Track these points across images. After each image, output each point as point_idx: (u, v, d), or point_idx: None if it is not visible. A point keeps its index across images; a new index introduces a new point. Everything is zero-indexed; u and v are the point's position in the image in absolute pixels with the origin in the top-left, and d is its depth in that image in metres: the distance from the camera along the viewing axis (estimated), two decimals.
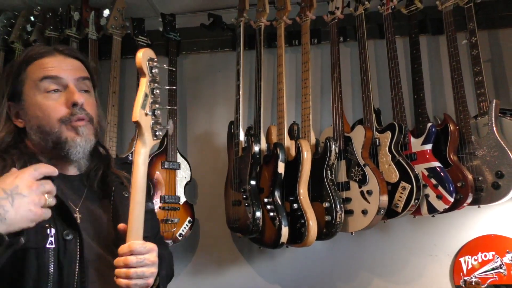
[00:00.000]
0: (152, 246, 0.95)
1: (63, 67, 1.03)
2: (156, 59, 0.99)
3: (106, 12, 2.34)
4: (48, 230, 0.93)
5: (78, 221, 1.00)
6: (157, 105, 0.98)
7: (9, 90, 1.00)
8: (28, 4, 2.43)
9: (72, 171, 1.10)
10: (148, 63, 0.97)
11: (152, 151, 2.16)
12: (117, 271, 0.91)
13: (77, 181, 1.09)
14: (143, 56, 0.95)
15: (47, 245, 0.91)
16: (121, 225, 0.97)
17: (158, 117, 0.98)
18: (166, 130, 1.00)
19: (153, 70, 0.97)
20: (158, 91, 0.99)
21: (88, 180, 1.10)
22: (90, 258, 0.98)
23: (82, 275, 0.95)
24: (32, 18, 2.40)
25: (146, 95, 0.95)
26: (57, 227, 0.94)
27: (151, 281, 0.94)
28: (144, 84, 0.96)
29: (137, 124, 0.94)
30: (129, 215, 0.93)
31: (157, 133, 0.98)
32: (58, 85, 1.01)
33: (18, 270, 0.89)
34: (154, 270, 0.94)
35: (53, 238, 0.92)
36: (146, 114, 0.95)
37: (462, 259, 2.06)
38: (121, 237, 0.96)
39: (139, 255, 0.91)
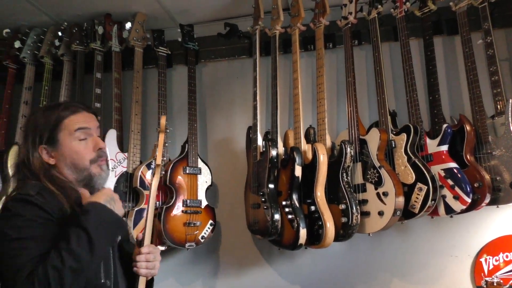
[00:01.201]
0: (158, 249, 1.39)
1: (88, 121, 1.34)
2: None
3: (128, 25, 2.45)
4: None
5: None
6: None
7: (44, 138, 1.29)
8: (56, 20, 2.57)
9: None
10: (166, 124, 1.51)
11: (174, 157, 2.26)
12: (138, 264, 1.31)
13: None
14: (164, 120, 1.53)
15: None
16: (139, 235, 1.38)
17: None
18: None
19: (167, 130, 1.52)
20: (167, 145, 1.52)
21: None
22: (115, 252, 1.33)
23: (114, 266, 1.28)
24: (59, 34, 2.54)
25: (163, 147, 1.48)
26: None
27: (156, 272, 1.36)
28: (163, 139, 1.48)
29: (158, 166, 1.43)
30: (146, 227, 1.36)
31: (162, 172, 1.48)
32: (86, 134, 1.32)
33: None
34: (159, 265, 1.37)
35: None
36: (163, 160, 1.41)
37: (483, 260, 2.06)
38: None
39: (154, 254, 1.34)
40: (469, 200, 1.80)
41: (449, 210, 1.86)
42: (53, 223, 1.15)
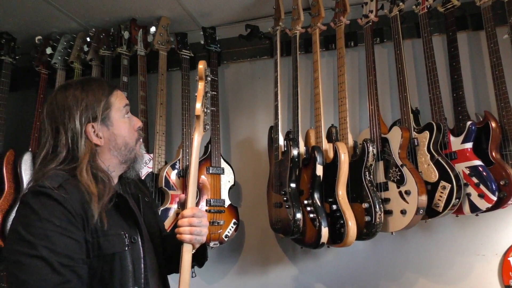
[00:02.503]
0: (205, 212, 1.24)
1: (126, 99, 1.29)
2: (209, 70, 1.31)
3: (153, 29, 2.52)
4: (124, 236, 1.14)
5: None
6: (208, 106, 1.27)
7: (99, 113, 1.18)
8: (84, 26, 2.67)
9: (116, 180, 1.28)
10: (206, 71, 1.27)
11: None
12: (181, 229, 1.17)
13: (120, 188, 1.29)
14: (203, 66, 1.27)
15: (126, 248, 1.13)
16: (182, 196, 1.34)
17: (208, 115, 1.28)
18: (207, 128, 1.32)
19: (208, 78, 1.26)
20: (209, 94, 1.29)
21: (124, 187, 1.31)
22: (147, 251, 1.20)
23: (145, 268, 1.15)
24: (88, 39, 2.64)
25: (203, 96, 1.24)
26: (128, 232, 1.16)
27: (204, 238, 1.22)
28: (203, 87, 1.25)
29: (197, 117, 1.24)
30: (188, 189, 1.22)
31: (206, 127, 1.28)
32: (129, 111, 1.27)
33: (108, 271, 1.09)
34: (206, 230, 1.23)
35: (128, 242, 1.14)
36: (203, 111, 1.24)
37: (511, 259, 2.01)
38: (153, 231, 1.29)
39: (199, 218, 1.19)
40: (495, 198, 1.77)
41: (474, 209, 1.83)
42: (74, 228, 1.03)
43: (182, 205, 1.24)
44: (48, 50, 2.64)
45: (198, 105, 1.22)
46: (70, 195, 1.05)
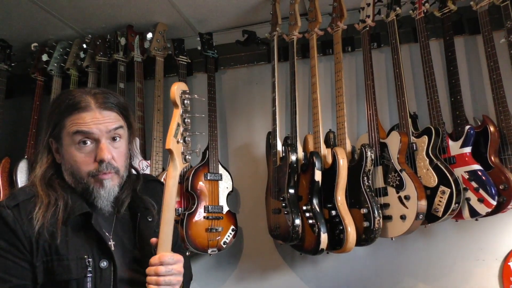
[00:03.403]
0: (179, 258, 1.06)
1: (96, 122, 1.09)
2: (188, 91, 1.09)
3: (149, 36, 2.52)
4: (87, 261, 1.05)
5: (112, 248, 1.11)
6: (187, 133, 1.09)
7: (51, 129, 1.11)
8: (80, 33, 2.66)
9: None
10: (181, 96, 1.06)
11: (195, 163, 2.29)
12: (148, 278, 1.03)
13: (108, 208, 1.16)
14: (176, 90, 1.05)
15: (87, 275, 1.04)
16: (153, 240, 1.08)
17: (188, 143, 1.09)
18: (195, 152, 1.12)
19: (185, 102, 1.08)
20: (189, 120, 1.09)
21: (116, 206, 1.18)
22: (122, 281, 1.09)
23: None
24: (84, 46, 2.63)
25: (178, 125, 1.06)
26: (93, 257, 1.06)
27: None
28: (177, 115, 1.06)
29: (170, 151, 1.05)
30: (160, 231, 1.05)
31: (186, 157, 1.09)
32: (89, 139, 1.09)
33: None
34: (180, 278, 1.06)
35: (90, 267, 1.05)
36: (178, 142, 1.06)
37: (511, 263, 2.00)
38: (147, 255, 1.09)
39: (168, 265, 1.03)
40: (494, 203, 1.76)
41: (474, 213, 1.82)
42: (18, 251, 0.99)
43: (154, 250, 1.08)
44: (44, 57, 2.63)
45: (169, 138, 1.03)
46: (22, 216, 1.00)
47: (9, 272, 0.98)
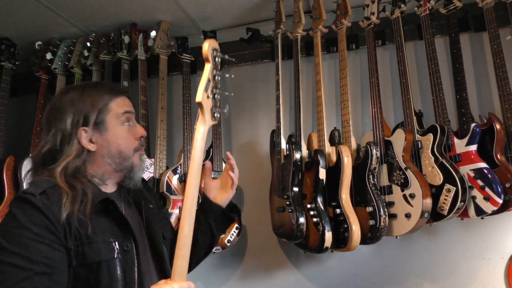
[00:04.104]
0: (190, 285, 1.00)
1: (130, 104, 1.24)
2: (219, 50, 1.09)
3: (153, 34, 2.51)
4: (113, 244, 1.09)
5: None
6: (217, 90, 1.07)
7: (93, 117, 1.15)
8: (84, 32, 2.66)
9: (113, 188, 1.24)
10: (213, 52, 1.06)
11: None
12: None
13: (116, 195, 1.24)
14: (209, 46, 1.05)
15: (115, 257, 1.08)
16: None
17: (217, 101, 1.08)
18: (223, 114, 1.12)
19: (216, 59, 1.07)
20: (219, 78, 1.08)
21: (123, 194, 1.26)
22: (143, 262, 1.14)
23: (139, 278, 1.10)
24: (88, 44, 2.62)
25: (209, 80, 1.05)
26: (118, 240, 1.11)
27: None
28: (208, 70, 1.05)
29: (200, 105, 1.03)
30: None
31: (215, 115, 1.07)
32: (130, 119, 1.21)
33: (94, 279, 1.04)
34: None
35: (117, 250, 1.09)
36: (208, 97, 1.04)
37: None
38: (156, 239, 1.23)
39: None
40: (500, 201, 1.75)
41: (480, 212, 1.81)
42: (54, 236, 1.00)
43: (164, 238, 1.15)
44: (48, 56, 2.63)
45: (200, 91, 1.02)
46: (52, 202, 1.02)
47: (47, 257, 0.98)
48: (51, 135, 1.13)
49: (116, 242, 1.09)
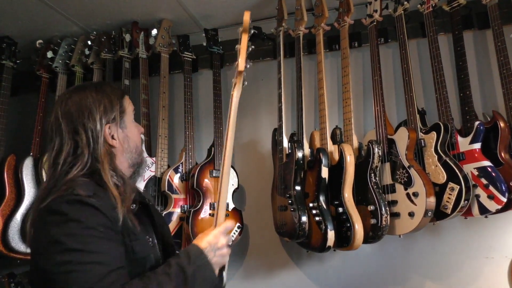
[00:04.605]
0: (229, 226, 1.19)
1: None
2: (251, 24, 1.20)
3: (154, 32, 2.50)
4: (148, 241, 1.17)
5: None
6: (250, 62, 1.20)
7: (116, 114, 1.18)
8: (85, 30, 2.65)
9: None
10: (250, 24, 1.17)
11: (200, 160, 2.28)
12: None
13: None
14: (249, 17, 1.16)
15: (151, 252, 1.16)
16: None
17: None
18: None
19: (251, 31, 1.16)
20: (250, 49, 1.20)
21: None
22: (163, 256, 1.21)
23: None
24: (89, 43, 2.62)
25: (246, 50, 1.15)
26: (151, 237, 1.19)
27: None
28: (246, 40, 1.14)
29: (240, 73, 1.16)
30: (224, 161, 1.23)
31: (245, 82, 1.20)
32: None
33: (139, 272, 1.06)
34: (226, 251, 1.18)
35: (151, 245, 1.17)
36: (246, 67, 1.17)
37: None
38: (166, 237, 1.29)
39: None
40: (504, 200, 1.73)
41: (484, 210, 1.80)
42: (115, 233, 1.03)
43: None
44: (49, 54, 2.62)
45: (242, 60, 1.11)
46: (105, 202, 1.04)
47: (119, 252, 1.03)
48: (81, 134, 1.12)
49: (150, 239, 1.17)
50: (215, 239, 1.13)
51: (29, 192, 2.33)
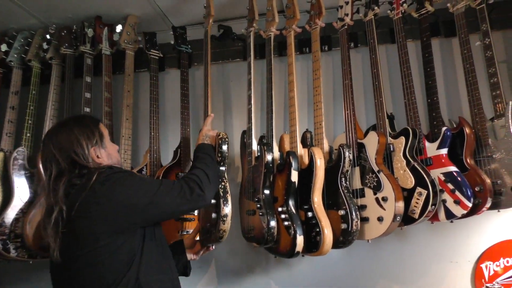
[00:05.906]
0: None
1: None
2: None
3: (119, 28, 2.39)
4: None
5: None
6: None
7: (97, 139, 1.52)
8: (44, 23, 2.50)
9: None
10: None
11: (165, 162, 2.19)
12: None
13: None
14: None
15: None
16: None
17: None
18: None
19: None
20: None
21: None
22: None
23: None
24: (48, 37, 2.47)
25: None
26: None
27: None
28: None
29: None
30: None
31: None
32: None
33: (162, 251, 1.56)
34: None
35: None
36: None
37: (483, 265, 2.02)
38: None
39: None
40: (470, 205, 1.76)
41: (450, 215, 1.82)
42: None
43: None
44: (3, 47, 2.46)
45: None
46: None
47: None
48: (74, 159, 1.44)
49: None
50: (204, 133, 1.91)
51: None
